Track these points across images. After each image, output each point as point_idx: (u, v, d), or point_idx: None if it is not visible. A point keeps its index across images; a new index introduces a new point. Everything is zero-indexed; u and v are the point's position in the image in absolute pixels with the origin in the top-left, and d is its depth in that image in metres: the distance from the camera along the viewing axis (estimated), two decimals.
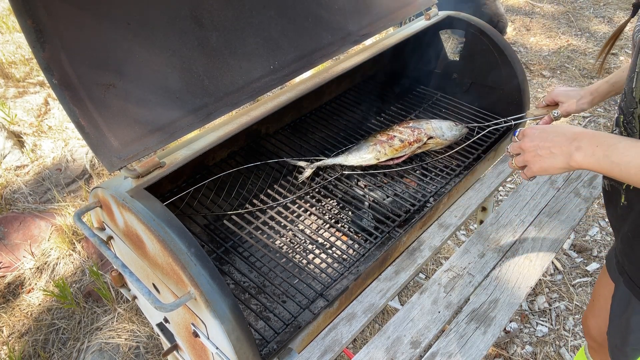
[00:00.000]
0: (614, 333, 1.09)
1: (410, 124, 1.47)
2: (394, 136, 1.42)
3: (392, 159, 1.41)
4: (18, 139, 2.83)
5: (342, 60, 1.37)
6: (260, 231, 1.26)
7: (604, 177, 0.89)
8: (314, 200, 1.37)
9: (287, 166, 1.44)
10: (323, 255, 1.23)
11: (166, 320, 1.10)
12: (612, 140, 0.76)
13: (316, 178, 1.40)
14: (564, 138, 0.83)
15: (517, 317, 2.01)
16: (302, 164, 1.40)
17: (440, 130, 1.45)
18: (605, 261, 1.27)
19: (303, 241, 1.28)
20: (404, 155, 1.42)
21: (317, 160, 1.41)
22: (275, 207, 1.32)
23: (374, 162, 1.40)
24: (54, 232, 2.29)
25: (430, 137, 1.44)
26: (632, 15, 0.96)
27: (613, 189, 0.84)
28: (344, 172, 1.42)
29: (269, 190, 1.37)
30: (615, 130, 0.81)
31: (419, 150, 1.45)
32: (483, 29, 1.51)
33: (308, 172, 1.38)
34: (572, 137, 0.81)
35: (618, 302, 1.03)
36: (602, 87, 1.16)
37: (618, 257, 0.95)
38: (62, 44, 0.84)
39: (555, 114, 1.29)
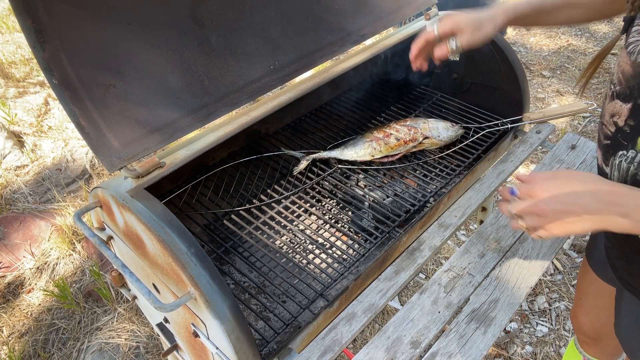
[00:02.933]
0: (631, 337, 1.04)
1: (408, 122, 1.48)
2: (390, 134, 1.44)
3: (386, 157, 1.43)
4: (18, 139, 2.83)
5: (342, 60, 1.37)
6: (260, 231, 1.26)
7: None
8: (314, 200, 1.37)
9: (286, 166, 1.44)
10: (323, 255, 1.23)
11: (166, 320, 1.10)
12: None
13: (313, 177, 1.40)
14: (594, 201, 0.67)
15: (517, 317, 2.01)
16: (298, 155, 1.42)
17: (437, 131, 1.46)
18: (586, 257, 1.23)
19: (303, 241, 1.28)
20: (398, 154, 1.43)
21: (313, 153, 1.43)
22: (277, 203, 1.32)
23: (368, 158, 1.41)
24: (54, 232, 2.29)
25: (426, 137, 1.45)
26: (623, 32, 0.82)
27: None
28: (339, 166, 1.43)
29: (268, 190, 1.37)
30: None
31: (414, 150, 1.46)
32: None
33: (304, 164, 1.40)
34: (609, 200, 0.66)
35: (630, 310, 0.99)
36: (521, 7, 0.99)
37: (618, 270, 0.89)
38: (62, 44, 0.84)
39: (454, 46, 1.06)
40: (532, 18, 1.01)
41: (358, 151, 1.42)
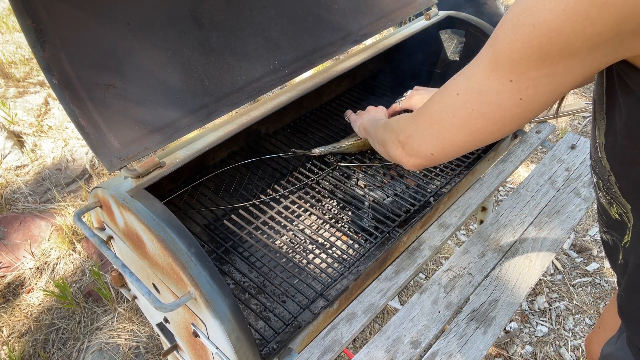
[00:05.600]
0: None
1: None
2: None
3: None
4: (18, 139, 2.83)
5: (342, 60, 1.37)
6: (260, 231, 1.26)
7: (604, 232, 0.80)
8: (314, 200, 1.37)
9: (286, 166, 1.44)
10: (323, 255, 1.23)
11: (166, 320, 1.10)
12: (382, 119, 1.13)
13: (312, 176, 1.40)
14: (374, 113, 1.26)
15: (517, 317, 2.01)
16: (296, 154, 1.42)
17: None
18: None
19: (303, 241, 1.28)
20: None
21: (309, 150, 1.43)
22: (277, 203, 1.32)
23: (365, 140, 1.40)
24: (54, 232, 2.29)
25: None
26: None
27: (614, 244, 0.78)
28: (339, 164, 1.42)
29: (268, 190, 1.37)
30: (599, 193, 0.74)
31: None
32: (483, 29, 1.51)
33: (317, 150, 1.41)
34: (376, 117, 1.23)
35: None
36: None
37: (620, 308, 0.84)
38: (62, 44, 0.84)
39: None
40: None
41: (353, 137, 1.41)
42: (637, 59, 0.49)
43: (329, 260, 1.23)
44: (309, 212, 1.36)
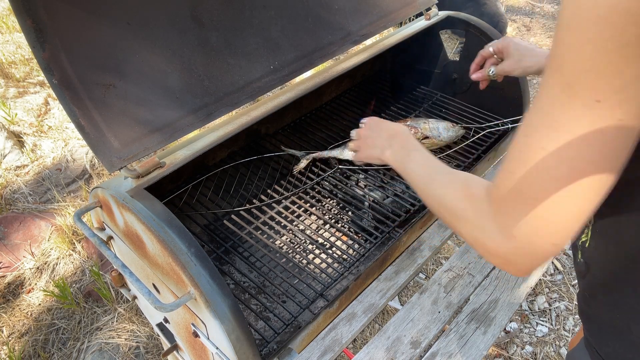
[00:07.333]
0: None
1: (408, 122, 1.48)
2: None
3: None
4: (18, 139, 2.83)
5: (342, 60, 1.37)
6: (260, 231, 1.26)
7: None
8: (314, 200, 1.37)
9: (286, 166, 1.44)
10: (323, 255, 1.23)
11: (166, 320, 1.10)
12: (414, 147, 0.85)
13: (313, 177, 1.40)
14: (386, 134, 0.94)
15: (517, 317, 2.01)
16: (298, 154, 1.42)
17: (437, 131, 1.45)
18: None
19: (303, 241, 1.28)
20: None
21: (313, 153, 1.43)
22: (277, 203, 1.32)
23: None
24: (54, 232, 2.29)
25: (426, 137, 1.44)
26: None
27: (572, 242, 0.75)
28: (340, 167, 1.42)
29: (268, 190, 1.37)
30: None
31: None
32: (483, 29, 1.51)
33: (304, 163, 1.40)
34: (392, 134, 0.93)
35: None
36: None
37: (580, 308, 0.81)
38: (62, 44, 0.84)
39: (491, 73, 1.24)
40: None
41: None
42: None
43: (329, 260, 1.23)
44: (309, 212, 1.36)
